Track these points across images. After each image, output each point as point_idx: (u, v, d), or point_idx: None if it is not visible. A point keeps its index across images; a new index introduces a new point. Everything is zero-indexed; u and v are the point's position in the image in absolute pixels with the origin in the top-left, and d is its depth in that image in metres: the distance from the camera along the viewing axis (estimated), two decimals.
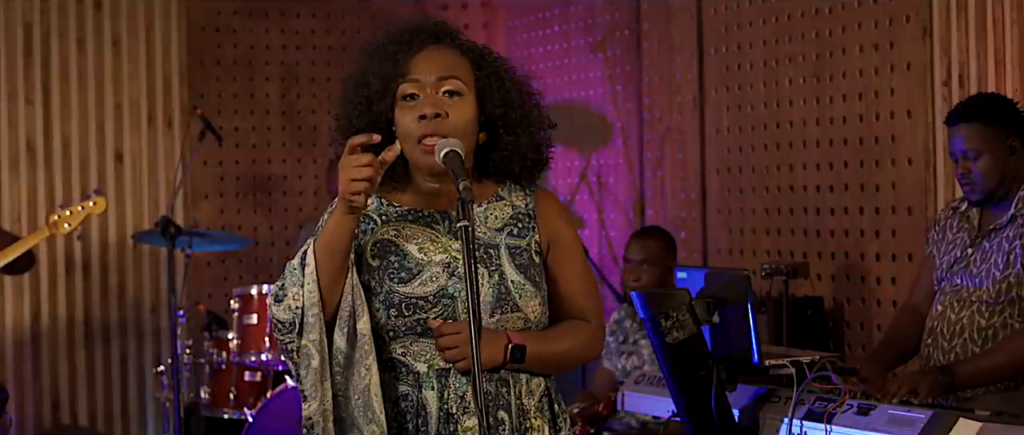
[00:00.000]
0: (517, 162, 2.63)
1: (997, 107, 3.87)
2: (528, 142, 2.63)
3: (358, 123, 2.58)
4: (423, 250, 2.55)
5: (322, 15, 7.35)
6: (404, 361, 2.54)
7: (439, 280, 2.51)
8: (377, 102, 2.56)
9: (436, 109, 2.52)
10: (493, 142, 2.61)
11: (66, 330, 6.75)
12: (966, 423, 2.97)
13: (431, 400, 2.53)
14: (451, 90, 2.55)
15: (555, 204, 2.71)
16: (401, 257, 2.53)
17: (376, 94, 2.56)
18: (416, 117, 2.52)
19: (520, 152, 2.62)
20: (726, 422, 3.23)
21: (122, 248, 6.84)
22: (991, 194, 3.80)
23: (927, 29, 4.83)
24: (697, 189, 6.07)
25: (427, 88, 2.54)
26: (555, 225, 2.66)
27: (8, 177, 6.65)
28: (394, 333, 2.52)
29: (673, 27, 6.21)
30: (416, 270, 2.52)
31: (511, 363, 2.52)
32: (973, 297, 3.77)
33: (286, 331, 2.49)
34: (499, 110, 2.59)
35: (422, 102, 2.53)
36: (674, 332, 3.14)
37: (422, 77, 2.55)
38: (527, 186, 2.69)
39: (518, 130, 2.61)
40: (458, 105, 2.55)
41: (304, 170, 7.31)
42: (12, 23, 6.65)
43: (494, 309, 2.54)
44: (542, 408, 2.61)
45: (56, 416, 6.74)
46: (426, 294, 2.51)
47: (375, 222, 2.58)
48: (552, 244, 2.65)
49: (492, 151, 2.62)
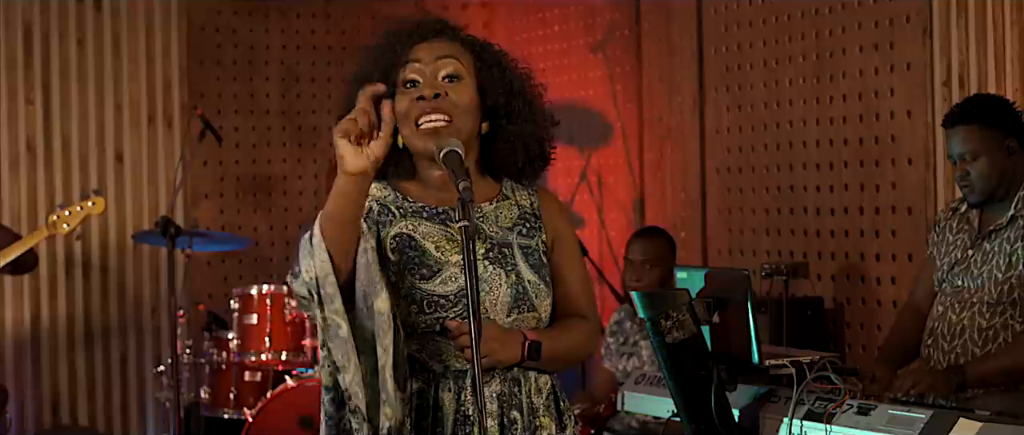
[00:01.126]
0: (521, 154, 2.62)
1: (994, 108, 3.86)
2: (532, 133, 2.63)
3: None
4: (440, 249, 2.53)
5: (322, 15, 7.35)
6: (419, 358, 2.52)
7: (458, 280, 2.50)
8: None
9: (434, 90, 2.51)
10: (496, 132, 2.61)
11: (66, 330, 6.75)
12: (966, 423, 2.97)
13: (447, 401, 2.52)
14: (450, 73, 2.55)
15: (557, 203, 2.72)
16: (420, 253, 2.52)
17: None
18: (414, 99, 2.52)
19: (524, 143, 2.62)
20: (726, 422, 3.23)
21: (122, 248, 6.85)
22: (990, 195, 3.80)
23: (927, 29, 4.83)
24: (697, 189, 6.08)
25: (426, 72, 2.54)
26: (558, 224, 2.68)
27: (8, 177, 6.65)
28: (411, 329, 2.50)
29: (673, 27, 6.21)
30: (436, 268, 2.51)
31: (529, 361, 2.53)
32: (973, 298, 3.77)
33: (308, 306, 2.43)
34: (502, 99, 2.59)
35: (421, 85, 2.53)
36: (674, 332, 3.14)
37: (422, 58, 2.55)
38: (529, 185, 2.69)
39: (521, 119, 2.61)
40: (457, 87, 2.54)
41: (304, 170, 7.31)
42: (12, 23, 6.65)
43: (511, 309, 2.54)
44: (549, 406, 2.61)
45: (56, 416, 6.74)
46: (447, 293, 2.50)
47: (394, 214, 2.56)
48: (555, 243, 2.66)
49: (496, 142, 2.61)
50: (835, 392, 3.24)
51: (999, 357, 3.68)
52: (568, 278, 2.65)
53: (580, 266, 2.70)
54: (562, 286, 2.64)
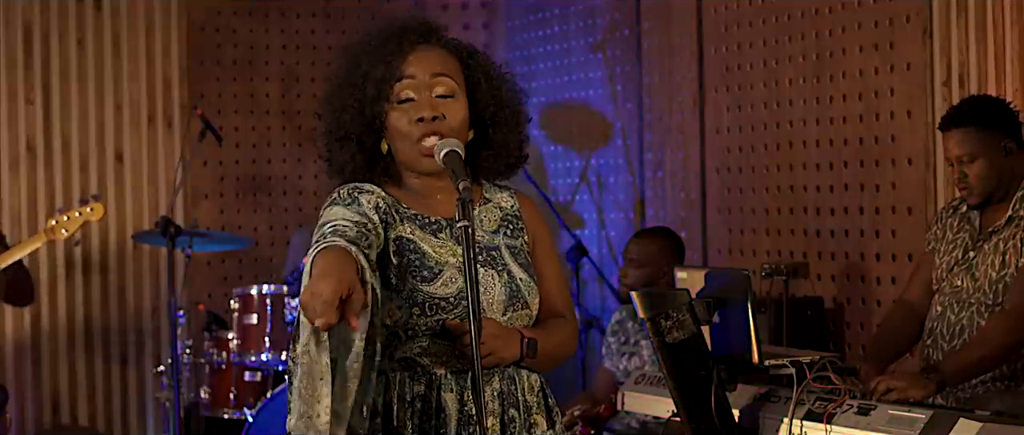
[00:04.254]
0: (503, 159, 2.68)
1: (990, 110, 3.86)
2: (515, 140, 2.68)
3: (350, 126, 2.60)
4: (437, 252, 2.56)
5: (322, 15, 7.35)
6: (420, 362, 2.54)
7: (458, 282, 2.53)
8: (371, 105, 2.59)
9: (434, 112, 2.55)
10: (481, 140, 2.66)
11: (66, 330, 6.75)
12: (966, 423, 2.97)
13: (450, 402, 2.53)
14: (444, 92, 2.58)
15: (533, 205, 2.76)
16: (420, 255, 2.54)
17: (371, 97, 2.58)
18: (414, 119, 2.56)
19: (508, 149, 2.67)
20: (726, 422, 3.23)
21: (122, 248, 6.84)
22: (989, 197, 3.80)
23: (927, 29, 4.83)
24: (697, 189, 6.07)
25: (422, 89, 2.57)
26: (536, 226, 2.72)
27: (8, 177, 6.65)
28: (413, 332, 2.52)
29: (673, 27, 6.21)
30: (436, 270, 2.53)
31: (527, 357, 2.56)
32: (972, 299, 3.77)
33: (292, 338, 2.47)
34: (490, 109, 2.64)
35: (419, 104, 2.56)
36: (674, 332, 3.14)
37: (417, 74, 2.58)
38: (506, 188, 2.74)
39: (507, 128, 2.66)
40: (452, 106, 2.58)
41: (304, 170, 7.31)
42: (12, 23, 6.65)
43: (507, 307, 2.58)
44: (540, 403, 2.64)
45: (56, 416, 6.74)
46: (447, 295, 2.52)
47: (395, 217, 2.58)
48: (535, 244, 2.71)
49: (481, 149, 2.66)
50: (835, 392, 3.24)
51: (974, 349, 3.66)
52: (546, 279, 2.70)
53: (556, 267, 2.74)
54: (541, 287, 2.68)
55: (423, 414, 2.53)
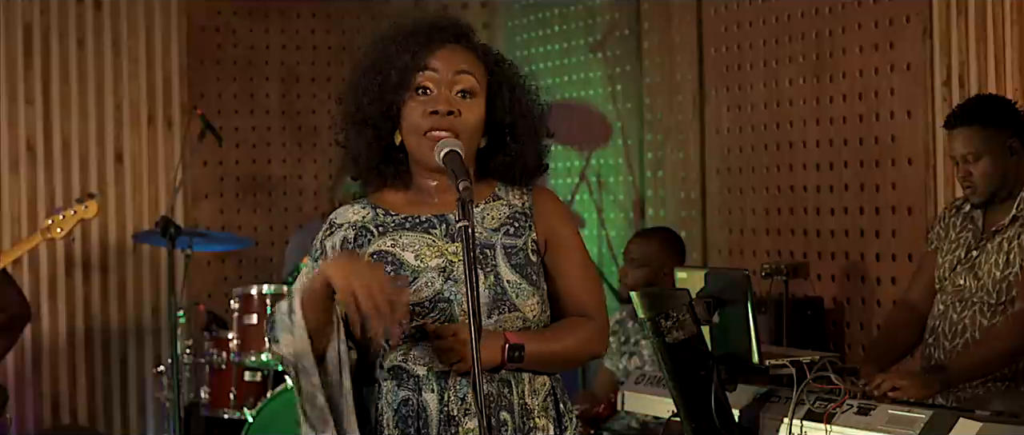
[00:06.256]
0: (519, 168, 2.65)
1: (995, 108, 3.86)
2: (532, 151, 2.65)
3: (368, 110, 2.58)
4: (419, 257, 2.55)
5: (322, 15, 7.35)
6: (405, 367, 2.54)
7: (434, 285, 2.52)
8: (391, 92, 2.56)
9: (449, 106, 2.53)
10: (497, 147, 2.63)
11: (66, 330, 6.75)
12: (966, 423, 2.97)
13: (431, 402, 2.53)
14: (465, 89, 2.56)
15: (553, 201, 2.70)
16: (397, 266, 2.54)
17: (392, 85, 2.56)
18: (427, 111, 2.54)
19: (523, 160, 2.64)
20: (726, 422, 3.23)
21: (122, 248, 6.84)
22: (993, 196, 3.80)
23: (927, 29, 4.82)
24: (697, 189, 6.07)
25: (442, 84, 2.55)
26: (552, 222, 2.65)
27: (8, 177, 6.65)
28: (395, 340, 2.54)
29: (673, 27, 6.21)
30: (412, 277, 2.53)
31: (510, 363, 2.52)
32: (975, 298, 3.77)
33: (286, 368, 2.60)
34: (509, 118, 2.61)
35: (436, 97, 2.55)
36: (674, 332, 3.14)
37: (440, 68, 2.56)
38: (524, 184, 2.69)
39: (525, 140, 2.63)
40: (470, 105, 2.56)
41: (304, 170, 7.31)
42: (12, 23, 6.65)
43: (491, 310, 2.53)
44: (547, 408, 2.60)
45: (56, 416, 6.74)
46: (422, 300, 2.51)
47: (372, 234, 2.59)
48: (549, 242, 2.64)
49: (496, 155, 2.63)
50: (835, 392, 3.24)
51: (980, 349, 3.67)
52: (566, 277, 2.63)
53: (582, 264, 2.66)
54: (559, 285, 2.63)
55: (406, 420, 2.54)
